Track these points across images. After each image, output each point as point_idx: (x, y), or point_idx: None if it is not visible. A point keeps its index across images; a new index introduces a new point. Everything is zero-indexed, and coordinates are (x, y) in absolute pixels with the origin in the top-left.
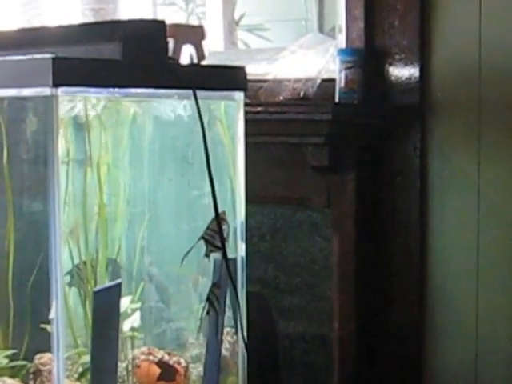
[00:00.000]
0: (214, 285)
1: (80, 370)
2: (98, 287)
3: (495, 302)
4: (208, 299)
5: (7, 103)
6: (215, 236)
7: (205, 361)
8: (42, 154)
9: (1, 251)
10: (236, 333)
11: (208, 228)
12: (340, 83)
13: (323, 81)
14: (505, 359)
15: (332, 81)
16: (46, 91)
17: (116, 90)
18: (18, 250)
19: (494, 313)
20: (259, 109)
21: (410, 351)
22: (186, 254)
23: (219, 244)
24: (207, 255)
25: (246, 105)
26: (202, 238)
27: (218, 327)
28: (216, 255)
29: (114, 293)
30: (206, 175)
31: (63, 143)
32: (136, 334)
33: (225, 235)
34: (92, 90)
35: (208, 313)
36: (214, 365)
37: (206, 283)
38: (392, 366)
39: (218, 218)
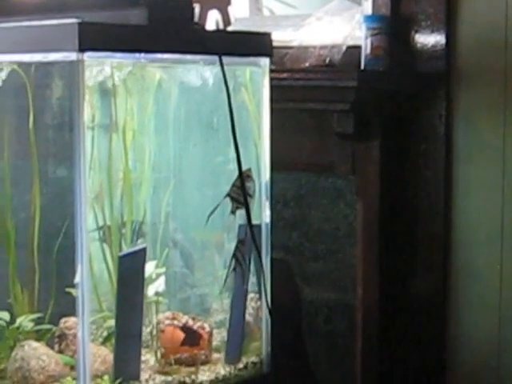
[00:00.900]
0: (240, 242)
1: (105, 334)
2: (124, 252)
3: None
4: (234, 255)
5: (34, 68)
6: (241, 193)
7: (229, 325)
8: (67, 119)
9: (27, 216)
10: (260, 298)
11: (234, 185)
12: (366, 50)
13: (349, 47)
14: None
15: (358, 47)
16: (72, 56)
17: (142, 55)
18: (43, 215)
19: None
20: (284, 75)
21: (434, 318)
22: (212, 212)
23: (247, 201)
24: (233, 212)
25: (271, 71)
26: (228, 195)
27: (244, 285)
28: (241, 218)
29: (139, 257)
30: (231, 141)
31: (89, 108)
32: (160, 298)
33: (251, 192)
34: (118, 55)
35: (234, 269)
36: (238, 330)
37: (230, 248)
38: (415, 334)
39: (242, 176)
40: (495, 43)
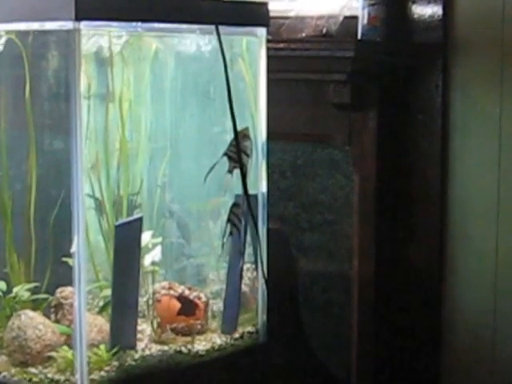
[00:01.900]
0: (234, 205)
1: (101, 303)
2: (120, 221)
3: None
4: (229, 220)
5: (30, 38)
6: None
7: (225, 295)
8: (64, 88)
9: (23, 186)
10: (256, 269)
11: (231, 145)
12: (363, 20)
13: (346, 18)
14: None
15: (355, 18)
16: (69, 25)
17: (138, 24)
18: (40, 185)
19: None
20: (281, 45)
21: (430, 290)
22: (209, 171)
23: (242, 160)
24: (230, 171)
25: (268, 41)
26: (225, 154)
27: (241, 251)
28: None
29: (136, 227)
30: (228, 111)
31: (85, 78)
32: (157, 268)
33: (248, 151)
34: (114, 24)
35: (231, 233)
36: (234, 300)
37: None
38: (411, 304)
39: (237, 137)
40: (492, 13)
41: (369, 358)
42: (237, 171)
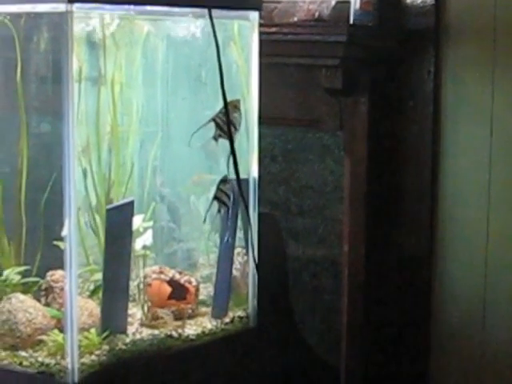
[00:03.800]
0: (222, 181)
1: (92, 287)
2: (111, 205)
3: (506, 227)
4: (215, 197)
5: (22, 20)
6: (225, 121)
7: (215, 279)
8: (56, 71)
9: (14, 169)
10: (247, 253)
11: (220, 112)
12: (355, 5)
13: (338, 2)
14: None
15: (347, 2)
16: (61, 7)
17: (131, 7)
18: (31, 168)
19: (504, 238)
20: (273, 29)
21: (420, 275)
22: (194, 132)
23: (233, 146)
24: (215, 138)
25: (260, 25)
26: (213, 120)
27: (230, 231)
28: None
29: (127, 211)
30: (220, 95)
31: (76, 61)
32: (148, 252)
33: (236, 123)
34: (107, 7)
35: (219, 211)
36: (225, 284)
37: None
38: (401, 290)
39: (227, 108)
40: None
41: (359, 343)
42: (222, 140)
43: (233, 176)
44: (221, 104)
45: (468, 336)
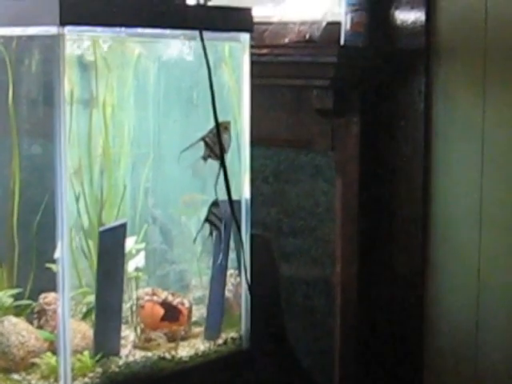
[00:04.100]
0: (213, 204)
1: (84, 309)
2: (104, 227)
3: (498, 244)
4: (207, 220)
5: (14, 43)
6: (216, 142)
7: (208, 300)
8: (48, 94)
9: (6, 191)
10: (239, 274)
11: (210, 132)
12: (346, 26)
13: (329, 23)
14: (507, 300)
15: (337, 24)
16: (53, 30)
17: (122, 29)
18: (23, 190)
19: (496, 257)
20: (264, 51)
21: (412, 294)
22: (183, 151)
23: (225, 168)
24: (204, 158)
25: (251, 47)
26: (203, 139)
27: (222, 253)
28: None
29: (120, 233)
30: (211, 117)
31: (68, 83)
32: (140, 274)
33: (225, 145)
34: (98, 29)
35: (211, 233)
36: (218, 305)
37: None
38: (394, 309)
39: (219, 129)
40: (475, 20)
41: (351, 363)
42: (211, 161)
43: (225, 197)
44: (212, 125)
45: (460, 355)
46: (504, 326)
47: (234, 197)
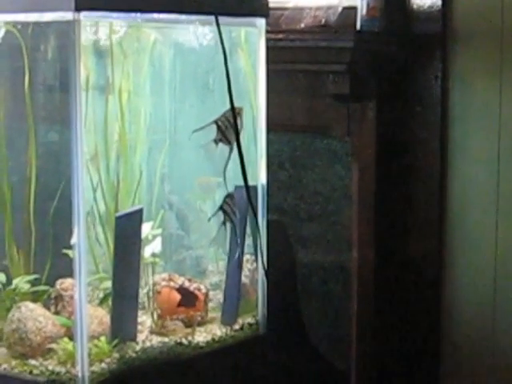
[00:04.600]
0: (228, 196)
1: (101, 295)
2: (120, 212)
3: None
4: (221, 208)
5: (30, 29)
6: (228, 126)
7: (225, 286)
8: (63, 80)
9: (23, 178)
10: (256, 260)
11: (223, 115)
12: (362, 11)
13: (345, 8)
14: None
15: (354, 8)
16: (68, 16)
17: (138, 15)
18: (39, 177)
19: None
20: (280, 36)
21: (429, 281)
22: (195, 131)
23: (242, 153)
24: (216, 141)
25: (267, 32)
26: (215, 122)
27: (238, 243)
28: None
29: (136, 218)
30: (227, 102)
31: (84, 70)
32: (157, 260)
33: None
34: (114, 15)
35: (224, 223)
36: (234, 291)
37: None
38: (410, 295)
39: (235, 115)
40: (491, 4)
41: (368, 349)
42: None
43: (240, 183)
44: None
45: (478, 341)
46: None
47: (251, 182)
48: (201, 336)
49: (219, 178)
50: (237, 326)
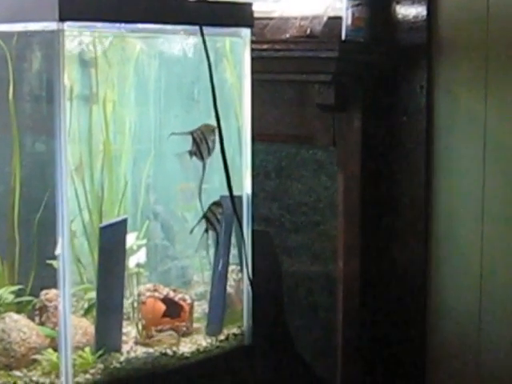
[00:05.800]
0: (214, 204)
1: (86, 306)
2: (105, 223)
3: (500, 242)
4: (205, 216)
5: (14, 39)
6: (203, 141)
7: (210, 296)
8: (48, 89)
9: (7, 187)
10: (241, 270)
11: (199, 129)
12: (347, 21)
13: (330, 18)
14: (509, 295)
15: (339, 18)
16: (53, 25)
17: (123, 25)
18: (24, 187)
19: (498, 252)
20: (265, 46)
21: (415, 290)
22: (173, 134)
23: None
24: (190, 154)
25: (252, 42)
26: (191, 133)
27: (222, 253)
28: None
29: (120, 229)
30: (212, 112)
31: (68, 79)
32: (141, 270)
33: (210, 146)
34: (98, 25)
35: (206, 231)
36: (220, 301)
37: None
38: (396, 305)
39: (220, 126)
40: (476, 14)
41: (354, 359)
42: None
43: (226, 193)
44: (213, 121)
45: (463, 351)
46: (506, 320)
47: (236, 192)
48: (186, 347)
49: (204, 185)
50: (222, 337)
